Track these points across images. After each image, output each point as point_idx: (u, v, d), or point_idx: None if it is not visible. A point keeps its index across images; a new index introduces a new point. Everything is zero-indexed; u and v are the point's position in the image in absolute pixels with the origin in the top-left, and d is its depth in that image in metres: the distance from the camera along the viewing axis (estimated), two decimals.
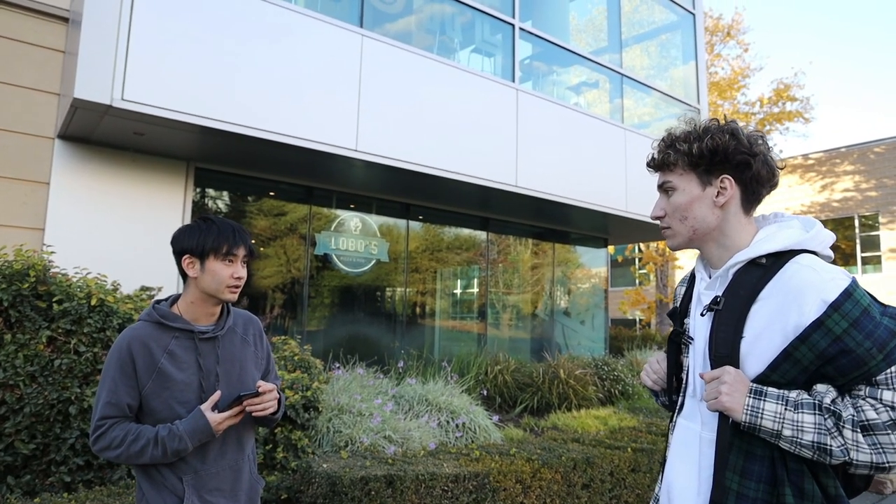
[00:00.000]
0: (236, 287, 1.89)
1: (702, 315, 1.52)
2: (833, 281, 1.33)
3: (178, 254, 1.89)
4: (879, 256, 18.30)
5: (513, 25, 7.79)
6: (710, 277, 1.55)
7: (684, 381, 1.60)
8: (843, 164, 19.38)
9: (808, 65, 47.57)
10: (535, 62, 8.85)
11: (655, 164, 1.58)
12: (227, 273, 1.86)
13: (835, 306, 1.30)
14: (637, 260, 20.90)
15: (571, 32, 9.76)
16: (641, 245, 17.41)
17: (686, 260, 18.89)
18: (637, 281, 21.88)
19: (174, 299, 1.95)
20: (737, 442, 1.39)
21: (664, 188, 1.57)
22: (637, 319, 21.77)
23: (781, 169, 1.54)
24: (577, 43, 9.76)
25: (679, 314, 1.66)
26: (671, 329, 1.67)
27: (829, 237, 1.49)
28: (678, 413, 1.61)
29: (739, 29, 17.38)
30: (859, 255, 18.70)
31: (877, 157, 18.70)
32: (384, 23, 6.95)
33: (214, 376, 1.88)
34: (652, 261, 16.84)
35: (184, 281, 1.93)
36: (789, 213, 1.66)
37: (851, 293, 1.31)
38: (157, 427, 1.79)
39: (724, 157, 1.46)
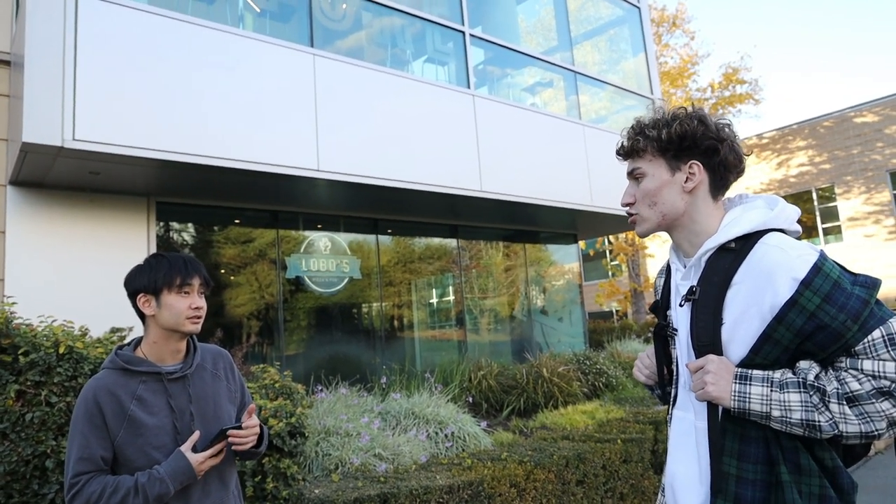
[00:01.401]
0: (197, 317, 1.86)
1: (680, 306, 1.54)
2: (801, 258, 1.34)
3: (133, 295, 1.86)
4: (839, 226, 18.87)
5: (463, 33, 7.84)
6: (684, 267, 1.56)
7: (675, 373, 1.62)
8: (795, 141, 19.97)
9: (754, 48, 48.90)
10: (488, 67, 8.91)
11: (625, 152, 1.60)
12: (184, 305, 1.83)
13: (805, 283, 1.31)
14: (608, 252, 21.15)
15: (521, 34, 9.87)
16: (611, 237, 17.60)
17: (656, 248, 19.16)
18: (610, 273, 22.11)
19: (136, 343, 1.91)
20: (730, 427, 1.41)
21: (634, 175, 1.58)
22: (614, 311, 22.00)
23: (748, 155, 1.57)
24: (529, 44, 9.87)
25: (661, 306, 1.67)
26: (656, 322, 1.68)
27: (794, 212, 1.51)
28: (673, 405, 1.62)
29: (684, 18, 17.83)
30: (820, 226, 19.25)
31: (826, 130, 19.32)
32: (335, 40, 6.93)
33: (189, 416, 1.84)
34: (622, 252, 17.06)
35: (143, 322, 1.89)
36: (750, 192, 1.68)
37: (821, 267, 1.33)
38: (135, 475, 1.73)
39: (692, 142, 1.48)
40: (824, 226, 19.21)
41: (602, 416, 6.09)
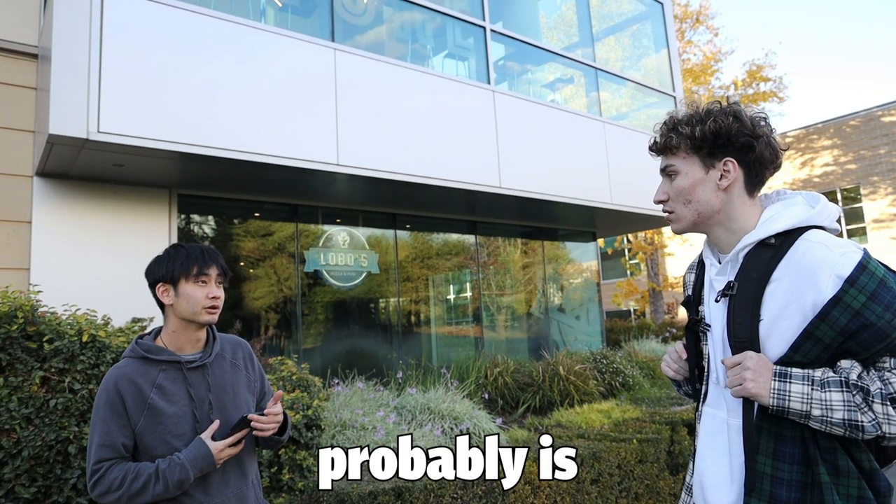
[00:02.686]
0: (213, 308, 1.87)
1: (716, 301, 1.51)
2: (846, 255, 1.32)
3: (152, 285, 1.88)
4: (864, 228, 18.50)
5: (484, 28, 7.79)
6: (719, 262, 1.54)
7: (706, 370, 1.60)
8: (820, 140, 19.59)
9: (778, 44, 47.98)
10: (509, 63, 8.85)
11: (658, 148, 1.58)
12: (201, 294, 1.85)
13: (850, 281, 1.29)
14: (627, 251, 20.99)
15: (542, 30, 9.79)
16: (630, 236, 17.47)
17: (676, 247, 18.97)
18: (628, 272, 21.94)
19: (156, 332, 1.93)
20: (765, 425, 1.38)
21: (667, 172, 1.56)
22: (632, 310, 21.84)
23: (785, 150, 1.53)
24: (549, 40, 9.80)
25: (693, 302, 1.65)
26: (688, 318, 1.66)
27: (835, 211, 1.48)
28: (703, 402, 1.60)
29: (708, 14, 17.53)
30: (844, 227, 18.87)
31: (853, 130, 18.92)
32: (355, 35, 6.92)
33: (207, 405, 1.86)
34: (641, 250, 16.92)
35: (162, 312, 1.91)
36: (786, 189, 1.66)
37: (866, 265, 1.30)
38: (156, 462, 1.76)
39: (727, 139, 1.46)
40: (848, 227, 18.84)
41: (618, 415, 6.05)
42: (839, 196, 19.04)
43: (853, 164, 18.82)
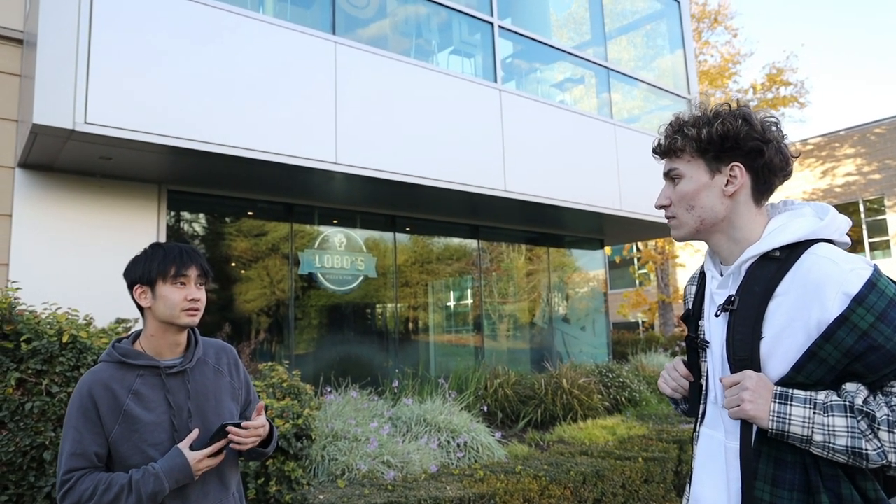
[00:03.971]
0: (193, 310, 1.81)
1: (716, 316, 1.45)
2: (854, 272, 1.27)
3: (130, 286, 1.83)
4: (888, 241, 18.00)
5: (492, 24, 7.67)
6: (721, 275, 1.49)
7: (704, 388, 1.54)
8: (843, 148, 19.14)
9: (801, 47, 47.58)
10: (516, 61, 8.75)
11: (661, 150, 1.53)
12: (179, 296, 1.79)
13: (858, 300, 1.23)
14: (636, 260, 20.75)
15: (552, 28, 9.70)
16: (639, 244, 17.24)
17: (687, 257, 18.71)
18: (637, 282, 21.72)
19: (135, 336, 1.88)
20: (765, 449, 1.33)
21: (670, 175, 1.51)
22: (640, 322, 21.58)
23: (796, 157, 1.47)
24: (560, 38, 9.69)
25: (692, 316, 1.59)
26: (686, 333, 1.62)
27: (845, 223, 1.42)
28: (700, 422, 1.54)
29: (727, 14, 17.25)
30: (867, 240, 18.40)
31: (878, 138, 18.46)
32: (357, 28, 6.83)
33: (187, 413, 1.80)
34: (651, 260, 16.69)
35: (141, 315, 1.86)
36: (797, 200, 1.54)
37: (875, 283, 1.25)
38: (130, 472, 1.69)
39: (734, 143, 1.40)
40: (871, 240, 18.37)
41: (623, 432, 6.01)
42: (862, 207, 18.55)
43: (877, 174, 18.33)
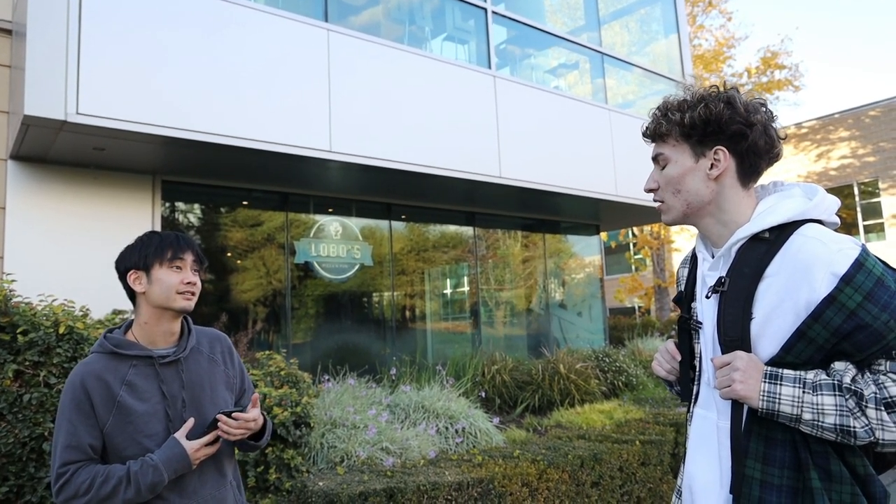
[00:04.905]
0: (190, 293, 1.80)
1: (707, 298, 1.47)
2: (842, 252, 1.28)
3: (123, 273, 1.81)
4: (882, 224, 17.99)
5: (485, 10, 7.61)
6: (712, 257, 1.50)
7: (698, 369, 1.56)
8: (837, 131, 19.08)
9: (795, 30, 47.40)
10: (510, 46, 8.68)
11: (649, 134, 1.55)
12: (176, 279, 1.78)
13: (846, 279, 1.25)
14: (631, 245, 20.74)
15: (546, 13, 9.62)
16: (635, 229, 17.21)
17: (683, 242, 18.71)
18: (633, 267, 21.72)
19: (127, 326, 1.85)
20: (755, 428, 1.35)
21: (657, 160, 1.53)
22: (636, 307, 21.63)
23: (783, 139, 1.47)
24: (554, 24, 9.61)
25: (685, 298, 1.61)
26: (679, 315, 1.62)
27: (834, 203, 1.44)
28: (694, 402, 1.57)
29: None
30: (861, 223, 18.37)
31: (872, 120, 18.40)
32: (350, 15, 6.77)
33: (181, 402, 1.78)
34: (647, 245, 16.67)
35: (133, 303, 1.84)
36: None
37: (863, 263, 1.26)
38: (127, 464, 1.67)
39: (717, 127, 1.42)
40: (866, 223, 18.33)
41: (620, 415, 5.99)
42: (856, 190, 18.50)
43: (872, 157, 18.29)
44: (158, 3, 5.00)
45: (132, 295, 1.82)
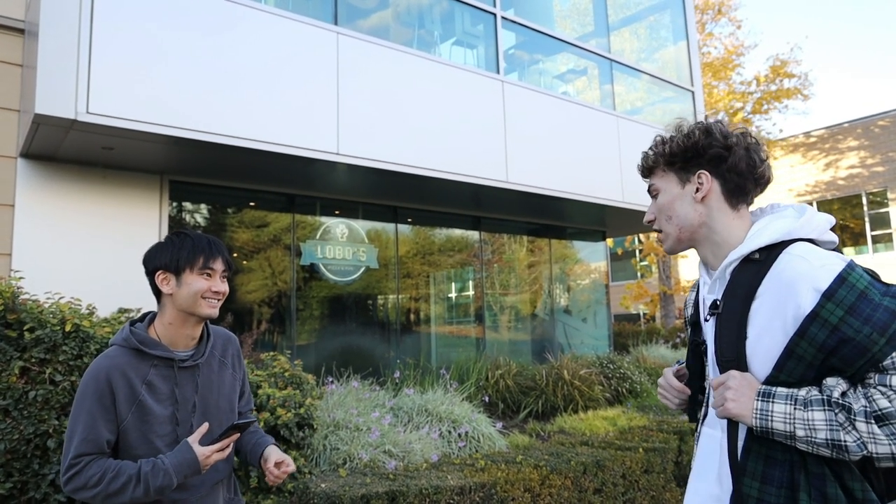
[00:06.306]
0: (216, 301, 1.83)
1: (706, 321, 1.53)
2: (825, 268, 1.30)
3: (152, 272, 1.82)
4: (890, 234, 17.84)
5: (494, 15, 7.60)
6: (710, 280, 1.54)
7: (708, 389, 1.59)
8: (846, 140, 18.99)
9: (805, 39, 47.20)
10: (519, 52, 8.66)
11: (642, 170, 1.65)
12: (205, 286, 1.79)
13: (828, 295, 1.26)
14: (637, 252, 20.68)
15: (556, 19, 9.61)
16: (641, 236, 17.15)
17: (690, 251, 18.59)
18: (639, 274, 21.63)
19: (149, 320, 1.86)
20: (755, 447, 1.36)
21: (651, 192, 1.62)
22: (641, 314, 21.53)
23: (765, 160, 1.51)
24: (563, 29, 9.59)
25: (695, 321, 1.66)
26: (689, 338, 1.68)
27: (825, 221, 1.46)
28: (702, 421, 1.60)
29: (731, 6, 17.06)
30: (869, 233, 18.26)
31: (882, 130, 18.30)
32: (359, 18, 6.77)
33: (191, 406, 1.82)
34: (653, 252, 16.62)
35: (158, 301, 1.85)
36: (792, 194, 1.57)
37: (845, 278, 1.27)
38: (138, 463, 1.69)
39: (695, 152, 1.50)
40: (874, 233, 18.21)
41: (624, 422, 5.97)
42: (865, 200, 18.39)
43: (881, 167, 18.18)
44: (168, 4, 5.02)
45: (158, 294, 1.83)
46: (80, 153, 5.25)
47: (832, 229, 1.48)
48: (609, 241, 12.49)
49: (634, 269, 21.64)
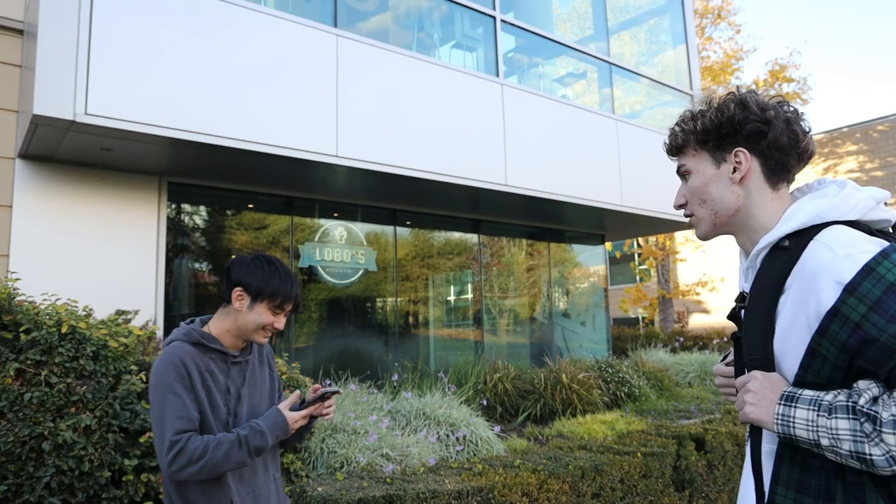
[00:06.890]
0: (270, 334, 1.98)
1: (738, 312, 1.37)
2: (850, 257, 1.13)
3: (234, 284, 1.93)
4: None
5: (494, 18, 7.61)
6: (744, 268, 1.41)
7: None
8: (845, 145, 19.05)
9: (804, 43, 47.38)
10: (518, 55, 8.67)
11: (669, 149, 1.48)
12: (269, 321, 1.92)
13: (850, 289, 1.10)
14: (636, 256, 20.69)
15: (555, 22, 9.62)
16: (640, 240, 17.16)
17: (688, 253, 18.65)
18: (637, 277, 21.63)
19: (202, 321, 2.00)
20: (787, 452, 1.23)
21: (681, 173, 1.46)
22: (640, 318, 21.53)
23: (807, 133, 1.34)
24: (562, 33, 9.61)
25: (735, 313, 1.50)
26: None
27: (865, 199, 1.27)
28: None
29: (730, 10, 17.09)
30: None
31: (880, 135, 18.36)
32: (358, 21, 6.77)
33: (237, 398, 1.96)
34: (652, 255, 16.62)
35: (224, 306, 1.98)
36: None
37: (873, 268, 1.10)
38: (234, 430, 1.84)
39: (731, 128, 1.33)
40: None
41: (622, 427, 5.92)
42: None
43: (880, 172, 18.24)
44: (167, 5, 5.02)
45: (228, 301, 1.95)
46: (78, 154, 5.24)
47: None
48: (608, 244, 12.48)
49: (633, 272, 21.63)
